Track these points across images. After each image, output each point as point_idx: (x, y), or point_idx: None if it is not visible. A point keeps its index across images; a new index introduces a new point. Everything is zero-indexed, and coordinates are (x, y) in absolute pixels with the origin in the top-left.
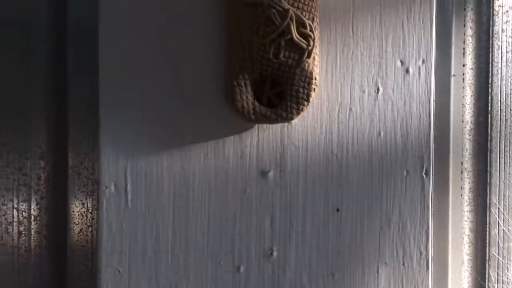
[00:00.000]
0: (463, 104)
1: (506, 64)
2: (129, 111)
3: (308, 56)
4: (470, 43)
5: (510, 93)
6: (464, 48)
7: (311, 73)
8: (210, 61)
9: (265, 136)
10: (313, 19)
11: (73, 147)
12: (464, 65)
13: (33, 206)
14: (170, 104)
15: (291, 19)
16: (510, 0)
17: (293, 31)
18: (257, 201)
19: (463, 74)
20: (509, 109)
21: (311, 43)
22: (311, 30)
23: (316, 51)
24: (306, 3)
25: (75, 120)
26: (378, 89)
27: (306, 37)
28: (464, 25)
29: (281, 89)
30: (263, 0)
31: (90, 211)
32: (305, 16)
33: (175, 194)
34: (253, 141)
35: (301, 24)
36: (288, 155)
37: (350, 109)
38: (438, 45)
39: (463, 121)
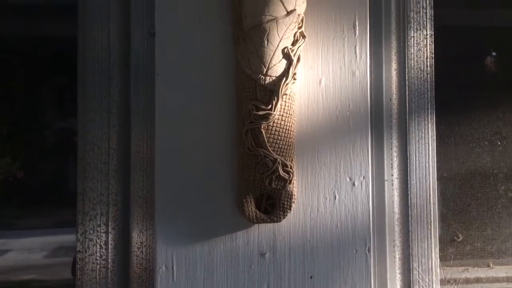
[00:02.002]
0: (393, 201)
1: (419, 173)
2: (175, 217)
3: (289, 183)
4: (396, 160)
5: (422, 194)
6: (392, 164)
7: (291, 192)
8: (227, 188)
9: (263, 231)
10: (292, 160)
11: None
12: (392, 175)
13: None
14: (201, 211)
15: (278, 163)
16: (424, 133)
17: (280, 170)
18: (258, 273)
19: (392, 180)
20: (421, 204)
21: (291, 176)
22: (290, 168)
23: (294, 178)
24: (287, 152)
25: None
26: (335, 197)
27: (288, 172)
28: (391, 148)
29: (273, 202)
30: (261, 153)
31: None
32: (286, 160)
33: (204, 270)
34: (255, 234)
35: (284, 165)
36: (278, 242)
37: (318, 210)
38: (376, 163)
39: (393, 212)
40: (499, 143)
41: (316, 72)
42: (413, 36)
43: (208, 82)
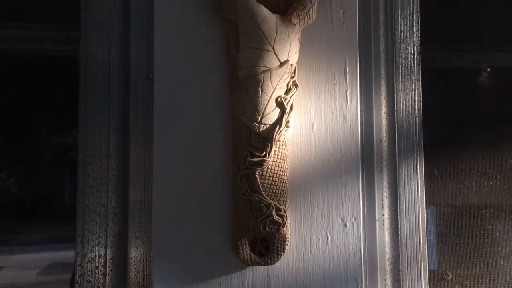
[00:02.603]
0: (384, 240)
1: (409, 213)
2: (172, 259)
3: (283, 227)
4: (386, 200)
5: (412, 234)
6: (382, 204)
7: (285, 235)
8: (223, 231)
9: (257, 272)
10: (285, 204)
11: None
12: (383, 215)
13: None
14: (198, 254)
15: (272, 208)
16: (413, 174)
17: (273, 214)
18: None
19: (383, 220)
20: (411, 244)
21: (284, 219)
22: (284, 212)
23: (288, 221)
24: (281, 196)
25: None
26: (327, 238)
27: (281, 216)
28: (382, 189)
29: (267, 244)
30: (256, 198)
31: None
32: (280, 204)
33: None
34: (249, 275)
35: (278, 209)
36: (272, 283)
37: (311, 251)
38: (368, 203)
39: (384, 252)
40: (485, 184)
41: (308, 117)
42: (401, 81)
43: (205, 128)
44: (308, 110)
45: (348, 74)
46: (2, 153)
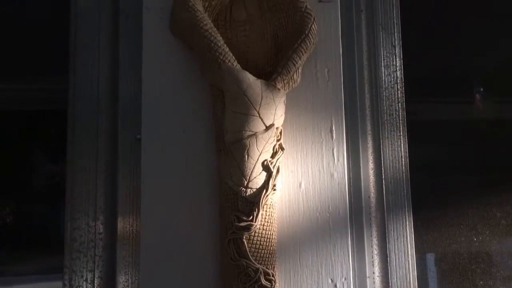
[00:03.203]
0: None
1: (399, 271)
2: None
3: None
4: (376, 257)
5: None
6: (373, 261)
7: None
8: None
9: None
10: (273, 268)
11: None
12: (373, 272)
13: None
14: None
15: (260, 273)
16: (402, 230)
17: (262, 279)
18: None
19: (374, 278)
20: None
21: (273, 283)
22: (272, 276)
23: (276, 285)
24: (269, 260)
25: None
26: None
27: (270, 280)
28: (372, 246)
29: None
30: (243, 263)
31: None
32: (268, 268)
33: None
34: None
35: (266, 273)
36: None
37: None
38: (358, 261)
39: None
40: (475, 239)
41: (296, 176)
42: (387, 137)
43: (192, 191)
44: (296, 168)
45: (334, 132)
46: None
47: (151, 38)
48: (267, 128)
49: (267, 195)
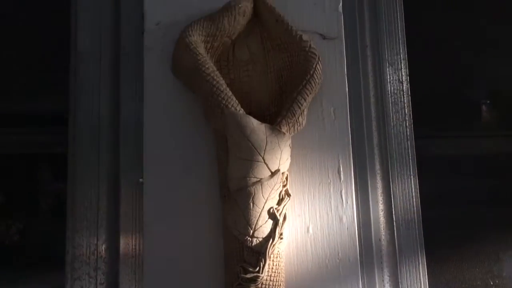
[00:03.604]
0: None
1: None
2: None
3: None
4: None
5: None
6: None
7: None
8: None
9: None
10: None
11: None
12: None
13: None
14: None
15: None
16: (415, 274)
17: None
18: None
19: None
20: None
21: None
22: None
23: None
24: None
25: None
26: None
27: None
28: None
29: None
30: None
31: None
32: None
33: None
34: None
35: None
36: None
37: None
38: None
39: None
40: (491, 282)
41: (303, 219)
42: (397, 176)
43: (194, 239)
44: (303, 211)
45: (342, 172)
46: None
47: (153, 79)
48: (273, 174)
49: (273, 245)
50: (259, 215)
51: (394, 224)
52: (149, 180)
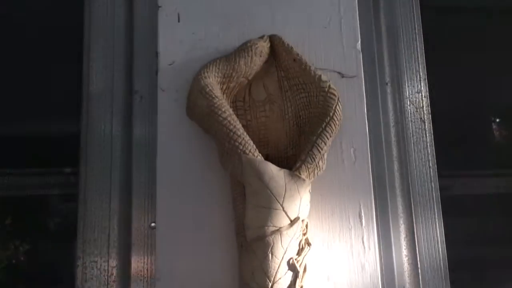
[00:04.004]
0: None
1: None
2: None
3: None
4: None
5: None
6: None
7: None
8: None
9: None
10: None
11: None
12: None
13: None
14: None
15: None
16: None
17: None
18: None
19: None
20: None
21: None
22: None
23: None
24: None
25: None
26: None
27: None
28: None
29: None
30: None
31: None
32: None
33: None
34: None
35: None
36: None
37: None
38: None
39: None
40: None
41: (324, 267)
42: (421, 220)
43: None
44: (323, 258)
45: (363, 217)
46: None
47: (166, 120)
48: (292, 222)
49: None
50: (278, 267)
51: (419, 270)
52: (161, 226)
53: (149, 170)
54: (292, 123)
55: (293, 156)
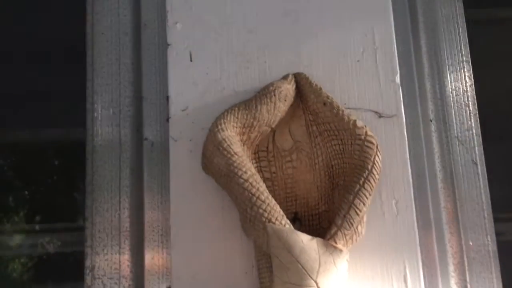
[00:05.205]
0: None
1: None
2: None
3: None
4: None
5: None
6: None
7: None
8: None
9: None
10: None
11: None
12: None
13: None
14: None
15: None
16: None
17: None
18: None
19: None
20: None
21: None
22: None
23: None
24: None
25: None
26: None
27: None
28: None
29: None
30: None
31: None
32: None
33: None
34: None
35: None
36: None
37: None
38: None
39: None
40: None
41: None
42: (476, 279)
43: None
44: None
45: (409, 280)
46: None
47: (179, 173)
48: None
49: None
50: None
51: None
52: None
53: (161, 228)
54: (324, 174)
55: (325, 212)
